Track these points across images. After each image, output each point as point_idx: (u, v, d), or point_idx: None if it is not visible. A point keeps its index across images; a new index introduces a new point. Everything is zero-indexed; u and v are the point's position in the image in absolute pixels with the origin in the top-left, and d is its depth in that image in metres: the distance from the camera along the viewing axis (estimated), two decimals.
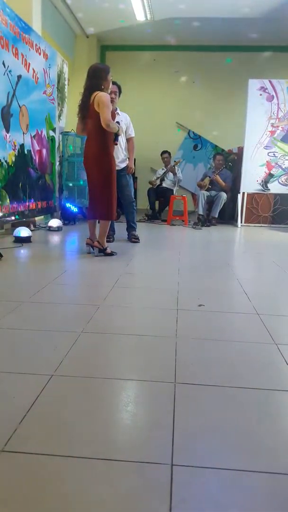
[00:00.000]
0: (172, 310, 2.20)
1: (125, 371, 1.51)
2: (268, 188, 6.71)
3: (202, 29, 7.83)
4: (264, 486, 0.95)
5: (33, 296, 2.39)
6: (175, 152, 8.68)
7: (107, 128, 3.44)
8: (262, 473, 0.98)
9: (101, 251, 3.69)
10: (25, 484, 0.93)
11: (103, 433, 1.12)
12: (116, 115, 4.49)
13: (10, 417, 1.17)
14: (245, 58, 8.52)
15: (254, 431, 1.15)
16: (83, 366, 1.51)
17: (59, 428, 1.14)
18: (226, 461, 1.02)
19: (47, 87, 5.45)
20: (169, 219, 6.80)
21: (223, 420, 1.20)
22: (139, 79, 8.74)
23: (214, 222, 6.77)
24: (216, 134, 8.86)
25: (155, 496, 0.90)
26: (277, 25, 7.44)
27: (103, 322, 2.00)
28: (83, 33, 8.31)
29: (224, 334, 1.90)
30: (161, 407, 1.25)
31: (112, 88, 4.25)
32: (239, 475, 0.98)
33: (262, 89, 6.49)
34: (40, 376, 1.41)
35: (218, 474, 0.98)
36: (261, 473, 0.98)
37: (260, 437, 1.13)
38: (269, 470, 0.99)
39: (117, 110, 4.51)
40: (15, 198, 4.57)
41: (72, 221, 6.04)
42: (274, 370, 1.53)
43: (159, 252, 4.36)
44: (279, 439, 1.12)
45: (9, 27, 4.21)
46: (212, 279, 3.05)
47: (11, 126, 4.35)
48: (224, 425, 1.17)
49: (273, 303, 2.50)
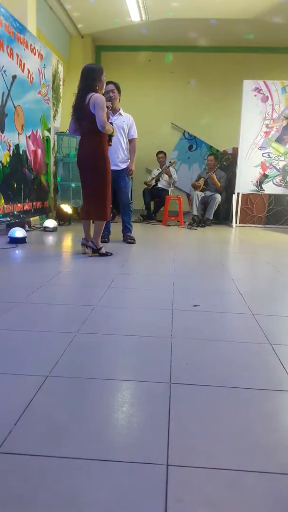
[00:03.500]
0: (167, 310, 2.20)
1: (120, 371, 1.51)
2: (262, 189, 6.74)
3: (196, 30, 7.85)
4: (260, 485, 0.95)
5: (28, 297, 2.38)
6: (170, 153, 8.69)
7: (102, 130, 3.44)
8: (258, 473, 0.99)
9: (96, 251, 3.69)
10: (20, 485, 0.93)
11: (98, 434, 1.12)
12: (119, 115, 4.48)
13: (5, 418, 1.17)
14: (240, 59, 8.55)
15: (249, 431, 1.16)
16: (78, 367, 1.51)
17: (54, 429, 1.14)
18: (221, 461, 1.02)
19: (42, 87, 5.44)
20: (164, 220, 6.80)
21: (218, 420, 1.20)
22: (134, 80, 8.73)
23: (209, 222, 6.79)
24: (211, 134, 8.87)
25: (150, 496, 0.90)
26: (271, 26, 7.47)
27: (98, 322, 2.00)
28: (78, 33, 8.30)
29: (219, 334, 1.90)
30: (156, 407, 1.25)
31: (109, 87, 4.25)
32: (235, 475, 0.98)
33: (256, 90, 6.51)
34: (35, 377, 1.41)
35: (213, 474, 0.98)
36: (257, 473, 0.99)
37: (255, 437, 1.13)
38: (265, 470, 1.00)
39: (120, 110, 4.50)
40: (10, 199, 4.55)
41: (67, 221, 6.03)
42: (269, 370, 1.54)
43: (154, 252, 4.36)
44: (275, 439, 1.12)
45: (4, 27, 4.19)
46: (207, 279, 3.05)
47: (6, 126, 4.34)
48: (219, 425, 1.18)
49: (267, 303, 2.51)
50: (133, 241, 4.57)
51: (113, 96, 4.30)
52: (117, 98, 4.38)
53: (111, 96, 4.26)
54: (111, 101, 4.25)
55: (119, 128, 4.39)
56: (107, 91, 4.18)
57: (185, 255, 4.27)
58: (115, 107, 4.38)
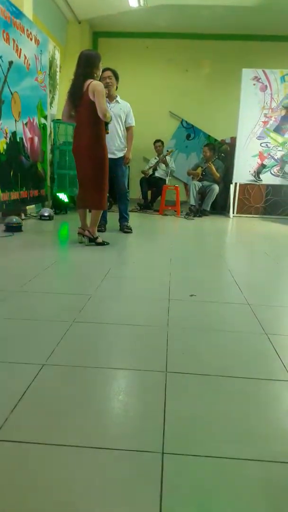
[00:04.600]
0: (163, 300, 2.20)
1: (117, 360, 1.52)
2: (260, 179, 6.71)
3: (195, 17, 7.74)
4: (256, 474, 0.96)
5: (24, 285, 2.37)
6: (168, 141, 8.63)
7: (103, 117, 3.40)
8: (253, 461, 0.99)
9: (92, 240, 3.67)
10: (16, 472, 0.93)
11: (94, 422, 1.12)
12: (116, 103, 4.42)
13: (1, 406, 1.17)
14: (239, 47, 8.45)
15: (245, 419, 1.16)
16: (75, 356, 1.51)
17: (50, 417, 1.14)
18: (217, 450, 1.03)
19: (38, 74, 5.36)
20: (161, 209, 6.78)
21: (214, 409, 1.21)
22: (132, 67, 8.61)
23: (206, 213, 6.78)
24: (209, 123, 8.80)
25: (146, 484, 0.91)
26: (271, 14, 7.37)
27: (94, 311, 2.00)
28: (75, 19, 8.17)
29: (215, 324, 1.91)
30: (152, 396, 1.26)
31: (106, 73, 4.18)
32: (230, 463, 0.99)
33: (255, 79, 6.45)
34: (31, 365, 1.41)
35: (208, 462, 0.99)
36: (252, 461, 0.99)
37: (251, 425, 1.14)
38: (261, 458, 1.00)
39: (117, 98, 4.44)
40: (6, 187, 4.52)
41: (64, 210, 6.00)
42: (264, 360, 1.55)
43: (151, 242, 4.36)
44: (270, 428, 1.13)
45: (0, 11, 4.12)
46: (204, 269, 3.05)
47: (2, 113, 4.28)
48: (214, 414, 1.18)
49: (264, 293, 2.51)
50: (130, 230, 4.56)
51: (110, 83, 4.23)
52: (114, 85, 4.31)
53: (108, 83, 4.19)
54: (108, 88, 4.18)
55: (116, 116, 4.34)
56: (104, 77, 4.12)
57: (182, 245, 4.27)
58: (111, 94, 4.32)
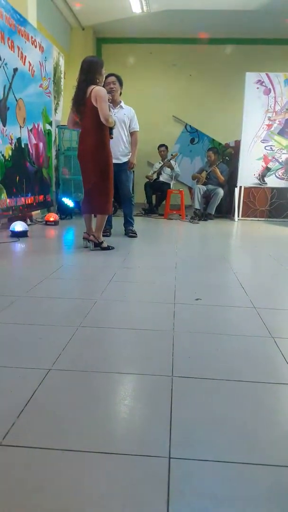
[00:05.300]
0: (169, 304, 2.20)
1: (123, 365, 1.52)
2: (265, 182, 6.71)
3: (198, 22, 7.77)
4: (263, 478, 0.95)
5: (30, 290, 2.38)
6: (172, 146, 8.64)
7: (106, 122, 3.42)
8: (261, 466, 0.99)
9: (97, 245, 3.68)
10: (23, 478, 0.93)
11: (100, 427, 1.12)
12: (120, 108, 4.44)
13: (8, 411, 1.17)
14: (242, 51, 8.47)
15: (252, 424, 1.16)
16: (81, 360, 1.51)
17: (57, 422, 1.14)
18: (223, 454, 1.03)
19: (43, 80, 5.41)
20: (166, 213, 6.79)
21: (220, 413, 1.20)
22: (136, 72, 8.66)
23: (211, 216, 6.77)
24: (213, 128, 8.81)
25: (152, 489, 0.91)
26: (274, 17, 7.39)
27: (100, 316, 2.00)
28: (79, 25, 8.23)
29: (221, 328, 1.90)
30: (158, 400, 1.26)
31: (110, 79, 4.20)
32: (237, 467, 0.98)
33: (259, 83, 6.46)
34: (37, 370, 1.41)
35: (215, 467, 0.98)
36: (260, 466, 0.99)
37: (258, 430, 1.13)
38: (268, 463, 1.00)
39: (121, 103, 4.46)
40: (12, 193, 4.55)
41: (69, 215, 6.02)
42: (271, 364, 1.54)
43: (156, 246, 4.36)
44: (277, 432, 1.13)
45: (5, 19, 4.16)
46: (209, 273, 3.05)
47: (7, 119, 4.32)
48: (221, 418, 1.18)
49: (270, 296, 2.50)
50: (135, 235, 4.56)
51: (114, 88, 4.24)
52: (118, 90, 4.33)
53: (112, 88, 4.21)
54: (112, 93, 4.20)
55: (120, 121, 4.36)
56: (108, 82, 4.14)
57: (187, 249, 4.26)
58: (115, 99, 4.34)
